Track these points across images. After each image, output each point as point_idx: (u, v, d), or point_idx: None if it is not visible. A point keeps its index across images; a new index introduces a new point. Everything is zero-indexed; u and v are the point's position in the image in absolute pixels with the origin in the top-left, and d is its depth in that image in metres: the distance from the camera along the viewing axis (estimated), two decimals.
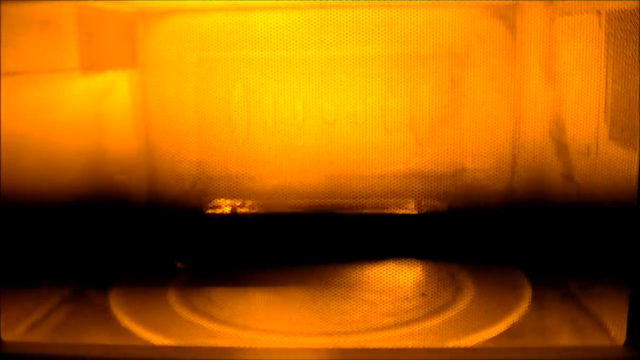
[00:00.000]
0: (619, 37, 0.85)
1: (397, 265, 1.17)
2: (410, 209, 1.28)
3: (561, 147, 1.10)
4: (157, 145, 1.35)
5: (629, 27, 0.81)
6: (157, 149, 1.35)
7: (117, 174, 1.25)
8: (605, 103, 0.90)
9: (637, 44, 0.79)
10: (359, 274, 1.14)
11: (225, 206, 1.31)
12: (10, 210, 0.87)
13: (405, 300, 1.04)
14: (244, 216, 1.30)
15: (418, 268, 1.17)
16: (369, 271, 1.14)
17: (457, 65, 1.28)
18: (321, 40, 1.22)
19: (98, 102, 1.20)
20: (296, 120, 1.31)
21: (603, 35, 0.90)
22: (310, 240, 1.20)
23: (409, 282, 1.12)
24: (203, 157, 1.33)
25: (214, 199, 1.32)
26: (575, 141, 1.04)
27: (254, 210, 1.31)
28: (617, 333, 0.83)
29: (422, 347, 0.90)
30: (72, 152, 1.08)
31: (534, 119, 1.23)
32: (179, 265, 1.20)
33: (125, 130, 1.30)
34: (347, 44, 1.23)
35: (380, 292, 1.07)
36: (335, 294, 1.07)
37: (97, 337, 0.92)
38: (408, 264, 1.17)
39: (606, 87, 0.90)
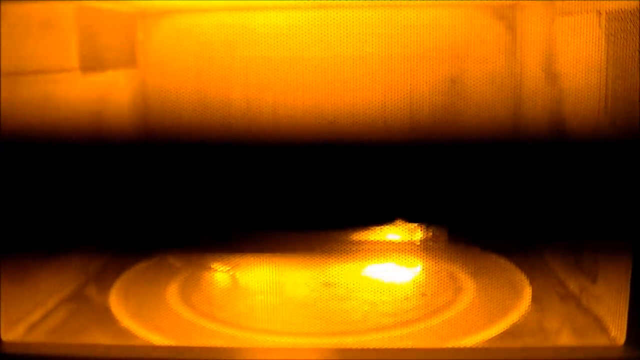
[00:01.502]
0: (619, 37, 0.84)
1: (397, 265, 1.17)
2: None
3: None
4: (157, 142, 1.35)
5: (629, 27, 0.81)
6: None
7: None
8: (606, 103, 0.90)
9: (637, 44, 0.79)
10: (359, 272, 1.14)
11: None
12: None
13: (405, 300, 1.04)
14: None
15: (418, 268, 1.17)
16: (369, 271, 1.15)
17: (457, 65, 1.28)
18: (321, 40, 1.22)
19: (98, 102, 1.19)
20: (295, 119, 1.31)
21: (603, 35, 0.90)
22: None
23: (409, 282, 1.12)
24: None
25: None
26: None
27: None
28: (617, 333, 0.83)
29: (422, 347, 0.90)
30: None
31: (534, 118, 1.23)
32: (178, 264, 1.20)
33: (125, 129, 1.30)
34: (347, 44, 1.23)
35: (380, 292, 1.07)
36: (335, 294, 1.07)
37: (97, 337, 0.92)
38: (408, 264, 1.17)
39: (606, 87, 0.90)
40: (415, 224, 1.26)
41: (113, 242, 1.22)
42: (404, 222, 1.26)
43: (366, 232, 1.26)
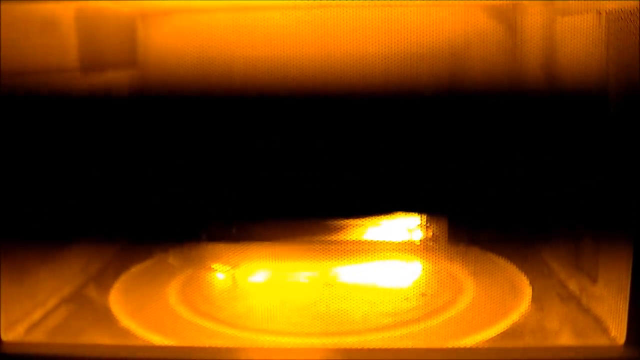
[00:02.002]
0: (619, 37, 0.85)
1: (397, 265, 1.17)
2: None
3: None
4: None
5: (629, 27, 0.81)
6: None
7: None
8: (607, 103, 0.90)
9: (637, 44, 0.79)
10: (359, 271, 1.14)
11: None
12: None
13: (405, 300, 1.04)
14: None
15: (418, 268, 1.17)
16: (369, 270, 1.15)
17: (457, 65, 1.28)
18: (321, 39, 1.22)
19: (97, 101, 1.19)
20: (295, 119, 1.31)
21: (603, 35, 0.90)
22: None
23: (408, 282, 1.12)
24: None
25: None
26: None
27: None
28: (617, 333, 0.83)
29: (422, 347, 0.90)
30: None
31: (534, 117, 1.23)
32: (178, 264, 1.20)
33: (124, 128, 1.30)
34: (346, 43, 1.23)
35: (380, 292, 1.07)
36: (335, 294, 1.07)
37: (97, 337, 0.92)
38: (408, 264, 1.17)
39: (607, 87, 0.90)
40: (415, 224, 1.26)
41: (113, 241, 1.22)
42: (404, 213, 1.26)
43: (367, 220, 1.26)
